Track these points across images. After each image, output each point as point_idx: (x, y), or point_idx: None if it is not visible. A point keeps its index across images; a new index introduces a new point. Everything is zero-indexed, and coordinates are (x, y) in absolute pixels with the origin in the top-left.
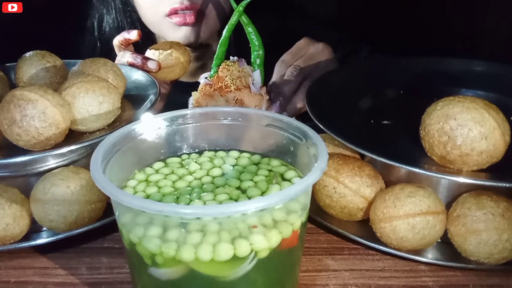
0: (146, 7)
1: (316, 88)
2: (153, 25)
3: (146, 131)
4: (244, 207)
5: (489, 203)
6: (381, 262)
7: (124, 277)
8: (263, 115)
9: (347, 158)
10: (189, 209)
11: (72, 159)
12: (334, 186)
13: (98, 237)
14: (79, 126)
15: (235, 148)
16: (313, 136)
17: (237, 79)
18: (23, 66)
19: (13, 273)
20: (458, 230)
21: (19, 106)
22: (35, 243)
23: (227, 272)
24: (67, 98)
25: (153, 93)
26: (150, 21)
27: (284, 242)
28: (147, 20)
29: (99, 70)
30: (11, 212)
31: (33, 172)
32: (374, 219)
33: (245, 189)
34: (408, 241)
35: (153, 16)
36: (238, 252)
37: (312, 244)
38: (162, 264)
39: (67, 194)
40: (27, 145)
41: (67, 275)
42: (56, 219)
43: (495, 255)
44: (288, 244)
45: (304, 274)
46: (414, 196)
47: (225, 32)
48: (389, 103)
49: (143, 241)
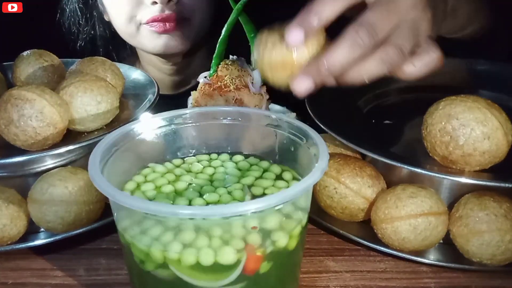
0: (122, 19)
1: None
2: (130, 36)
3: (145, 131)
4: (243, 208)
5: (491, 203)
6: (382, 263)
7: (123, 279)
8: (263, 115)
9: (348, 158)
10: (188, 210)
11: (70, 159)
12: (335, 187)
13: (96, 238)
14: (77, 126)
15: (235, 148)
16: (313, 136)
17: (236, 79)
18: (21, 65)
19: (10, 274)
20: (460, 231)
21: (17, 105)
22: (32, 244)
23: (226, 274)
24: (65, 97)
25: (151, 93)
26: (127, 33)
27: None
28: (124, 32)
29: (97, 69)
30: (8, 213)
31: (31, 173)
32: (376, 220)
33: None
34: (410, 242)
35: (130, 26)
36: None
37: (313, 245)
38: (161, 266)
39: (65, 194)
40: (24, 145)
41: (65, 277)
42: (54, 220)
43: (497, 256)
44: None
45: (304, 276)
46: (416, 197)
47: (224, 31)
48: (391, 103)
49: (141, 242)
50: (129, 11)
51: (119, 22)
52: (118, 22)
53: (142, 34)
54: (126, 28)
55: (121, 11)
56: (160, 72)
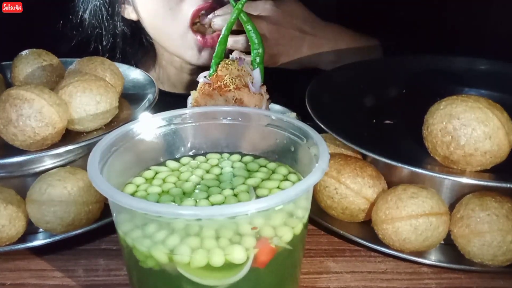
0: (168, 22)
1: (317, 87)
2: (173, 39)
3: (144, 131)
4: (244, 207)
5: (493, 204)
6: (383, 264)
7: (122, 280)
8: (263, 115)
9: (348, 159)
10: (187, 210)
11: (69, 160)
12: (336, 187)
13: (95, 239)
14: (76, 125)
15: (235, 148)
16: (314, 136)
17: (236, 78)
18: (19, 64)
19: (9, 275)
20: (461, 231)
21: (15, 105)
22: (31, 244)
23: (228, 274)
24: (64, 97)
25: (151, 92)
26: (169, 34)
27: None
28: (164, 33)
29: (96, 69)
30: (7, 213)
31: (29, 173)
32: (376, 220)
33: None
34: (410, 243)
35: (174, 27)
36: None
37: (313, 246)
38: (161, 266)
39: (64, 195)
40: (23, 145)
41: (63, 278)
42: (53, 220)
43: (499, 257)
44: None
45: (305, 276)
46: (416, 197)
47: (224, 30)
48: (391, 103)
49: (141, 243)
50: (172, 3)
51: (164, 24)
52: (163, 25)
53: (185, 41)
54: (171, 29)
55: (162, 4)
56: (180, 71)
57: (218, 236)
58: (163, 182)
